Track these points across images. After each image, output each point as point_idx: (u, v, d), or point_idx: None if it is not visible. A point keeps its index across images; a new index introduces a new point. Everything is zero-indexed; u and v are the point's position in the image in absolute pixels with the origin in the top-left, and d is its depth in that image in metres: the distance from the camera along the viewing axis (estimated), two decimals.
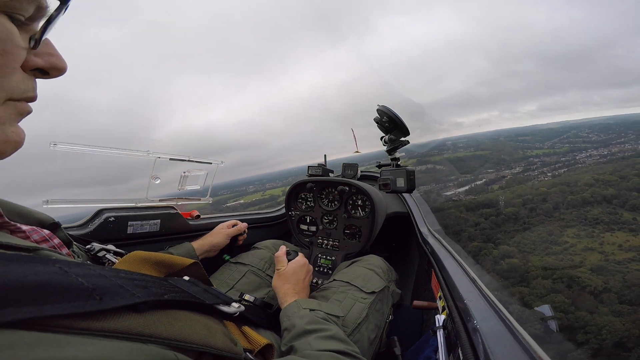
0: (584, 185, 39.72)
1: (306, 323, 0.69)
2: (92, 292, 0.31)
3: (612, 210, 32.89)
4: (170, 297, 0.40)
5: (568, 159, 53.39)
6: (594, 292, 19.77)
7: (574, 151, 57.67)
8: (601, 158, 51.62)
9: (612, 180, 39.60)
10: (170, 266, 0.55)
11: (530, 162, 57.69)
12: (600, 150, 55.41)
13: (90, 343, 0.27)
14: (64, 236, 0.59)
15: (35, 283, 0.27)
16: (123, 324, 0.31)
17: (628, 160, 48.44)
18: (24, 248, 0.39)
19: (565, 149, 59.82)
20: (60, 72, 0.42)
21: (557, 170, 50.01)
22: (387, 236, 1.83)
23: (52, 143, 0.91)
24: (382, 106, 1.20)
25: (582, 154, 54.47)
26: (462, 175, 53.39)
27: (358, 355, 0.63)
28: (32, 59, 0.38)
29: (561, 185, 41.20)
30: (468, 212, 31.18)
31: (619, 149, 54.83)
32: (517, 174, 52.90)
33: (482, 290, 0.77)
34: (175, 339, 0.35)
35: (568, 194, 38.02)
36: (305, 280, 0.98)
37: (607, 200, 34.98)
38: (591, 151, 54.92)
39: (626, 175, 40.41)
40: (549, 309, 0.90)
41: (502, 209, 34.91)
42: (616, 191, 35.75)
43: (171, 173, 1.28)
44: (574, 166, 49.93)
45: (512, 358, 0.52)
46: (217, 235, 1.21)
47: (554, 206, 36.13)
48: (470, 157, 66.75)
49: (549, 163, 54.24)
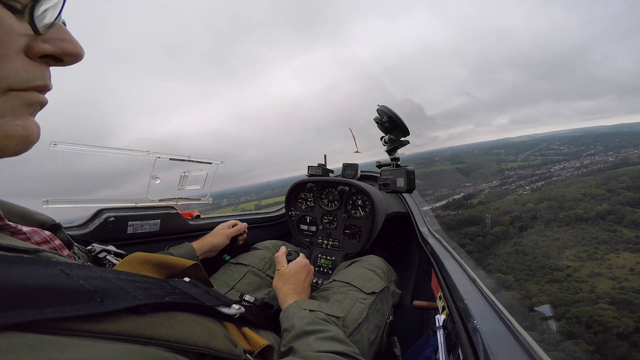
0: (573, 200, 38.17)
1: (306, 324, 0.69)
2: (94, 294, 0.31)
3: (609, 227, 30.69)
4: (171, 299, 0.40)
5: (543, 172, 53.35)
6: (624, 335, 15.92)
7: (548, 164, 58.03)
8: (576, 170, 51.52)
9: (600, 194, 38.04)
10: (171, 267, 0.55)
11: (507, 175, 57.90)
12: (572, 162, 55.88)
13: (92, 345, 0.27)
14: (65, 237, 0.59)
15: (36, 285, 0.27)
16: (124, 326, 0.31)
17: (606, 172, 47.72)
18: (24, 250, 0.38)
19: (538, 162, 60.21)
20: (75, 58, 0.38)
21: (534, 184, 49.65)
22: (387, 236, 1.83)
23: (52, 143, 0.91)
24: (382, 106, 1.20)
25: (556, 166, 54.78)
26: (438, 189, 52.96)
27: (358, 357, 0.63)
28: (39, 45, 0.35)
29: (548, 200, 39.41)
30: (450, 232, 28.43)
31: (591, 161, 55.20)
32: (494, 187, 52.58)
33: (482, 290, 0.77)
34: (175, 341, 0.35)
35: (558, 209, 36.09)
36: (306, 281, 0.98)
37: (601, 216, 32.91)
38: (564, 163, 55.40)
39: (614, 188, 38.88)
40: (549, 309, 0.90)
41: (488, 227, 32.70)
42: (610, 206, 33.84)
43: (171, 173, 1.28)
44: (551, 179, 49.63)
45: (512, 358, 0.52)
46: (217, 235, 1.21)
47: (545, 224, 34.26)
48: (447, 170, 66.83)
49: (525, 176, 54.35)
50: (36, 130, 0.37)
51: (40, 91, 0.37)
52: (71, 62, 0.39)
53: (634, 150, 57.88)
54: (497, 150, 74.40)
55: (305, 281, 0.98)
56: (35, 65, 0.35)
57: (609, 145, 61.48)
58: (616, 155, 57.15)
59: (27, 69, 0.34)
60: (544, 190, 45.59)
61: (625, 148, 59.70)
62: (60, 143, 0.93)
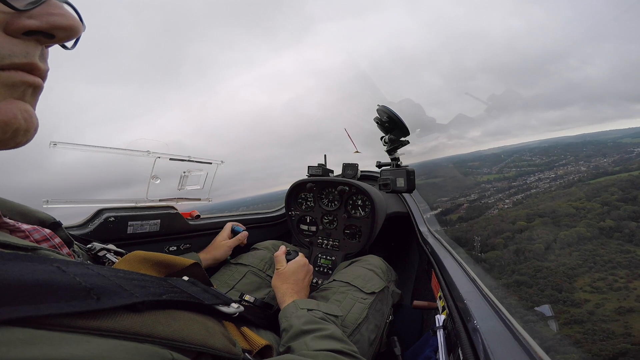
0: (567, 215, 34.23)
1: (303, 323, 0.69)
2: (90, 291, 0.31)
3: (620, 247, 25.01)
4: (168, 297, 0.40)
5: (519, 184, 52.38)
6: None
7: (522, 175, 57.28)
8: (552, 181, 50.75)
9: (595, 207, 33.91)
10: (170, 266, 0.55)
11: (484, 188, 57.13)
12: (546, 173, 55.54)
13: (86, 341, 0.27)
14: (65, 236, 0.59)
15: (32, 282, 0.27)
16: (120, 324, 0.31)
17: (589, 183, 45.30)
18: (22, 247, 0.38)
19: (513, 174, 59.54)
20: (67, 31, 0.34)
21: (514, 197, 48.32)
22: (387, 236, 1.83)
23: (52, 143, 0.92)
24: (382, 106, 1.20)
25: (531, 178, 54.16)
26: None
27: (356, 354, 0.63)
28: (23, 21, 0.31)
29: (540, 216, 35.23)
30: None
31: (565, 171, 54.93)
32: (473, 201, 51.04)
33: (482, 290, 0.77)
34: (173, 339, 0.35)
35: (555, 227, 31.47)
36: (305, 280, 0.98)
37: (606, 234, 27.91)
38: (539, 174, 55.06)
39: (608, 201, 34.73)
40: (549, 309, 0.90)
41: (477, 251, 28.13)
42: (615, 222, 29.02)
43: (171, 173, 1.28)
44: (529, 191, 48.39)
45: (512, 358, 0.52)
46: (219, 248, 1.23)
47: (545, 246, 29.66)
48: (422, 185, 66.32)
49: (502, 189, 53.65)
50: (21, 115, 0.32)
51: (24, 70, 0.33)
52: (64, 37, 0.35)
53: (602, 158, 57.93)
54: (472, 163, 73.99)
55: (304, 280, 0.98)
56: (16, 41, 0.31)
57: (578, 155, 61.29)
58: (587, 164, 56.84)
59: (7, 46, 0.30)
60: (527, 204, 43.24)
61: (594, 157, 59.62)
62: (60, 143, 0.93)
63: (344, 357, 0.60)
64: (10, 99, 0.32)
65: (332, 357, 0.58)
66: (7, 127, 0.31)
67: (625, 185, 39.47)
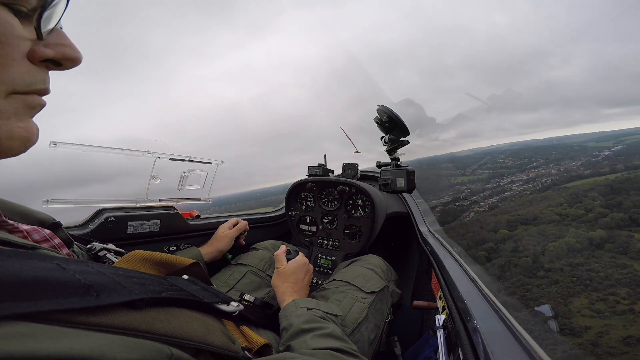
0: (550, 222, 31.23)
1: (303, 322, 0.69)
2: (90, 288, 0.31)
3: (614, 261, 21.57)
4: (168, 295, 0.40)
5: (493, 186, 51.45)
6: None
7: (495, 177, 56.70)
8: (525, 184, 49.75)
9: (580, 214, 31.31)
10: (170, 266, 0.55)
11: (458, 190, 56.28)
12: (518, 175, 54.94)
13: (85, 335, 0.27)
14: (65, 236, 0.59)
15: (32, 278, 0.27)
16: (120, 320, 0.31)
17: (567, 187, 43.44)
18: (22, 246, 0.39)
19: (486, 175, 58.81)
20: (74, 62, 0.40)
21: (488, 199, 46.90)
22: (387, 236, 1.83)
23: (52, 143, 0.92)
24: (382, 106, 1.20)
25: (504, 180, 53.51)
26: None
27: (355, 353, 0.63)
28: (41, 49, 0.36)
29: (523, 224, 32.08)
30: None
31: (536, 174, 54.34)
32: (447, 204, 49.71)
33: (482, 290, 0.77)
34: (172, 336, 0.35)
35: (539, 237, 28.10)
36: (305, 280, 0.98)
37: (596, 245, 24.43)
38: (511, 177, 54.50)
39: (592, 207, 32.51)
40: (549, 308, 0.90)
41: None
42: (606, 232, 25.82)
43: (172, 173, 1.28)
44: (503, 194, 47.19)
45: (512, 358, 0.52)
46: (222, 239, 1.24)
47: (533, 259, 26.52)
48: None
49: (476, 191, 52.85)
50: (36, 132, 0.38)
51: (40, 94, 0.38)
52: (70, 66, 0.40)
53: (571, 161, 57.74)
54: (446, 165, 73.09)
55: (304, 280, 0.98)
56: (37, 69, 0.37)
57: (548, 158, 60.87)
58: (557, 167, 56.46)
59: (30, 72, 0.36)
60: (504, 208, 41.37)
61: (563, 160, 59.48)
62: (60, 143, 0.93)
63: (343, 355, 0.60)
64: (28, 119, 0.37)
65: (332, 356, 0.58)
66: (28, 143, 0.37)
67: (604, 191, 38.19)
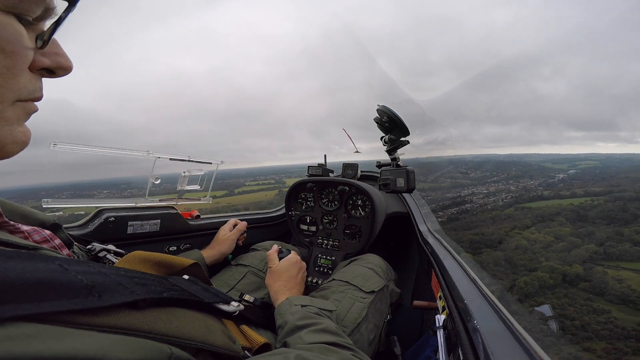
0: (518, 250, 27.19)
1: (298, 319, 0.70)
2: (92, 289, 0.31)
3: (588, 304, 18.50)
4: (169, 295, 0.40)
5: (454, 195, 49.98)
6: None
7: (456, 187, 55.86)
8: (486, 197, 48.76)
9: (549, 241, 27.46)
10: (170, 266, 0.56)
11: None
12: (479, 188, 54.45)
13: (88, 336, 0.27)
14: (65, 237, 0.59)
15: (34, 280, 0.28)
16: (122, 320, 0.32)
17: (528, 206, 41.22)
18: (23, 247, 0.39)
19: (447, 184, 57.94)
20: (66, 71, 0.42)
21: (448, 210, 44.13)
22: (387, 236, 1.83)
23: (52, 143, 0.91)
24: (382, 106, 1.20)
25: (465, 191, 52.70)
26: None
27: (350, 346, 0.63)
28: (40, 59, 0.38)
29: (486, 247, 28.29)
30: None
31: (496, 188, 53.77)
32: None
33: (482, 290, 0.77)
34: (173, 335, 0.35)
35: (507, 266, 24.68)
36: (298, 277, 0.98)
37: (569, 282, 21.05)
38: (472, 188, 54.01)
39: (561, 234, 28.83)
40: (549, 308, 0.90)
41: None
42: (582, 269, 22.07)
43: (171, 173, 1.28)
44: (463, 205, 45.30)
45: (512, 358, 0.52)
46: (224, 242, 1.24)
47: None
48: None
49: (435, 199, 50.67)
50: (30, 136, 0.40)
51: (35, 101, 0.40)
52: (62, 74, 0.42)
53: (529, 180, 56.80)
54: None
55: (297, 277, 0.98)
56: (35, 77, 0.38)
57: (509, 174, 60.34)
58: (517, 184, 55.76)
59: (32, 81, 0.38)
60: (464, 222, 37.69)
61: (522, 177, 58.90)
62: (60, 143, 0.93)
63: (338, 348, 0.60)
64: (24, 124, 0.39)
65: (327, 349, 0.58)
66: (24, 146, 0.39)
67: (571, 216, 35.47)
